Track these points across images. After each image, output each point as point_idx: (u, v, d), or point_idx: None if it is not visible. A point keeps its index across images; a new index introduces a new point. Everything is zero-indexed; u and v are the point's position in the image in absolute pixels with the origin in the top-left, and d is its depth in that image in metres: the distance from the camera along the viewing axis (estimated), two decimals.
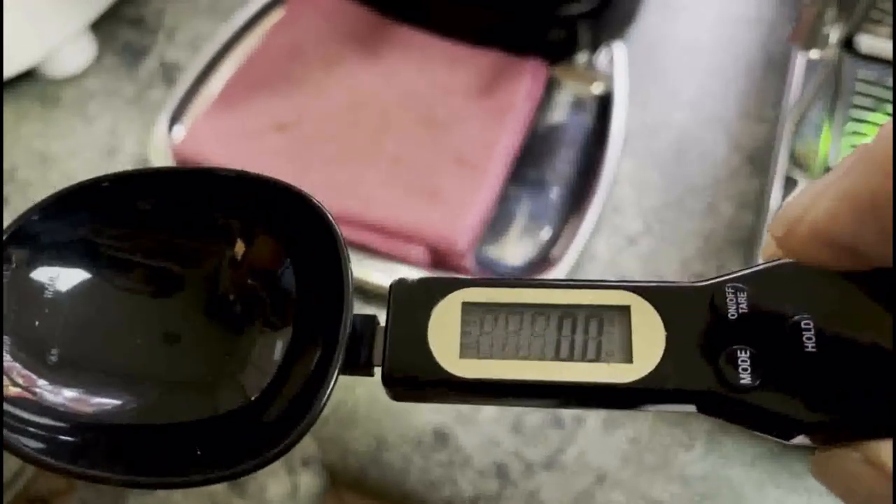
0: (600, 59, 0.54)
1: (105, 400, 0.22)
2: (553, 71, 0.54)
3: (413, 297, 0.22)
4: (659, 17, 0.57)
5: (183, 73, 0.55)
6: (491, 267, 0.48)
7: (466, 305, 0.21)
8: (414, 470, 0.43)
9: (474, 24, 0.55)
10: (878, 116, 0.46)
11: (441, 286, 0.22)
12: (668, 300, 0.21)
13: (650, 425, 0.44)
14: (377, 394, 0.22)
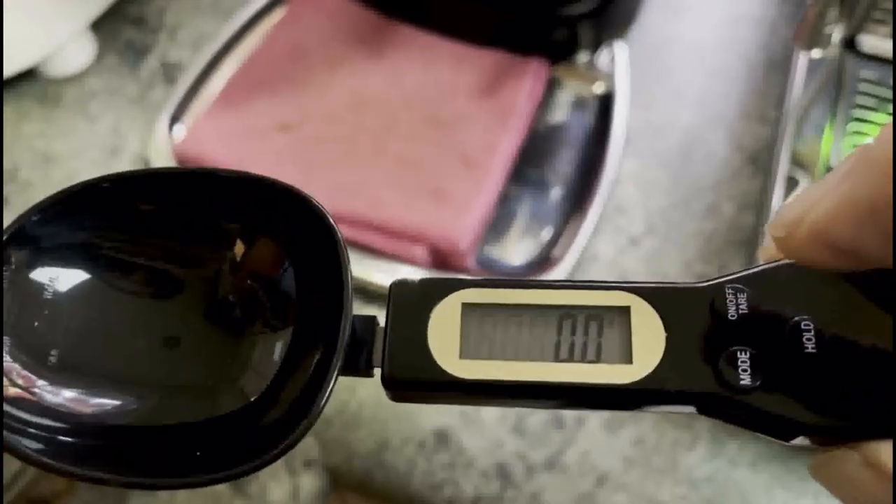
0: (602, 58, 0.54)
1: (105, 401, 0.22)
2: (555, 71, 0.54)
3: (413, 298, 0.22)
4: (661, 18, 0.57)
5: (184, 72, 0.55)
6: (492, 267, 0.48)
7: (466, 306, 0.21)
8: (417, 472, 0.43)
9: (477, 23, 0.55)
10: (879, 116, 0.46)
11: (441, 287, 0.22)
12: (668, 301, 0.21)
13: (653, 426, 0.44)
14: (381, 396, 0.22)
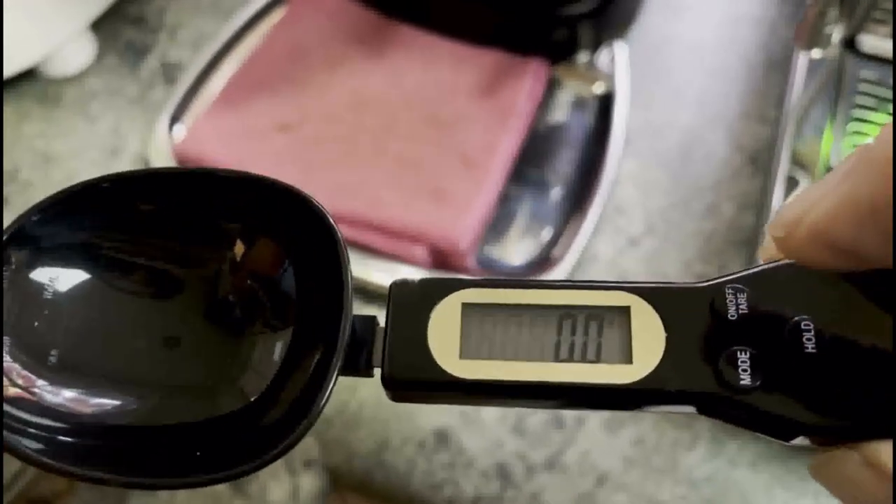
0: (602, 58, 0.54)
1: (105, 401, 0.22)
2: (555, 70, 0.54)
3: (413, 298, 0.22)
4: (661, 18, 0.57)
5: (184, 72, 0.55)
6: (492, 267, 0.48)
7: (466, 306, 0.21)
8: (417, 472, 0.43)
9: (477, 23, 0.55)
10: (880, 116, 0.46)
11: (441, 287, 0.22)
12: (668, 301, 0.21)
13: (653, 426, 0.44)
14: (381, 396, 0.22)
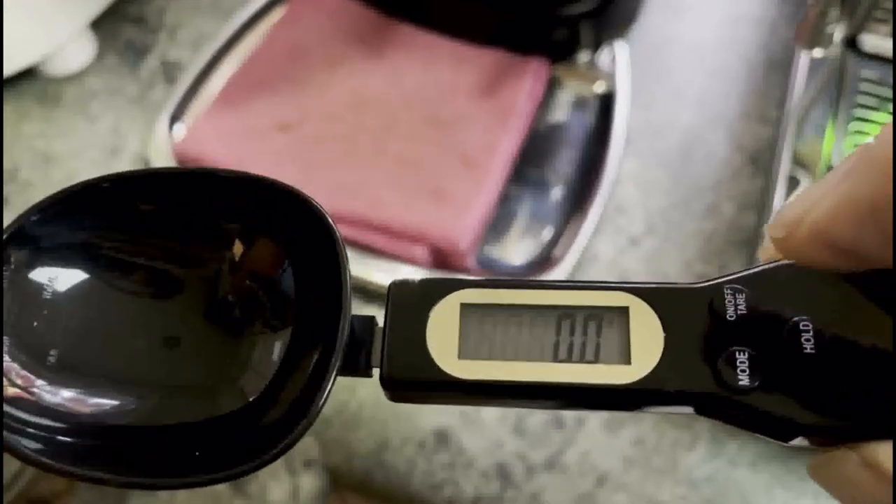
0: (602, 58, 0.54)
1: (105, 401, 0.22)
2: (555, 70, 0.54)
3: (412, 299, 0.22)
4: (662, 17, 0.57)
5: (184, 71, 0.55)
6: (492, 267, 0.48)
7: (465, 306, 0.21)
8: (417, 472, 0.43)
9: (477, 23, 0.54)
10: (881, 116, 0.46)
11: (440, 287, 0.22)
12: (667, 301, 0.21)
13: (653, 426, 0.44)
14: (380, 396, 0.22)
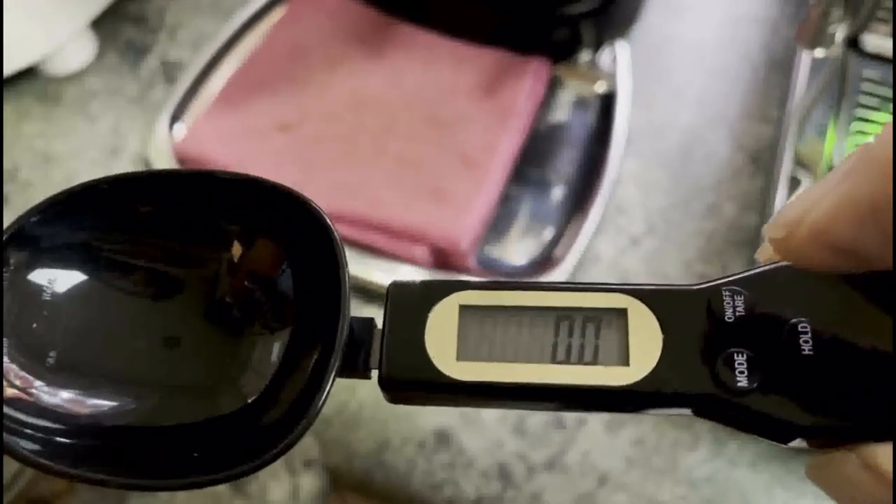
0: (603, 58, 0.54)
1: (104, 402, 0.22)
2: (556, 70, 0.54)
3: (410, 300, 0.22)
4: (662, 17, 0.57)
5: (184, 71, 0.55)
6: (493, 267, 0.48)
7: (464, 308, 0.21)
8: (417, 472, 0.43)
9: (478, 23, 0.54)
10: (882, 116, 0.46)
11: (438, 289, 0.22)
12: (665, 303, 0.21)
13: (653, 427, 0.44)
14: (380, 396, 0.22)
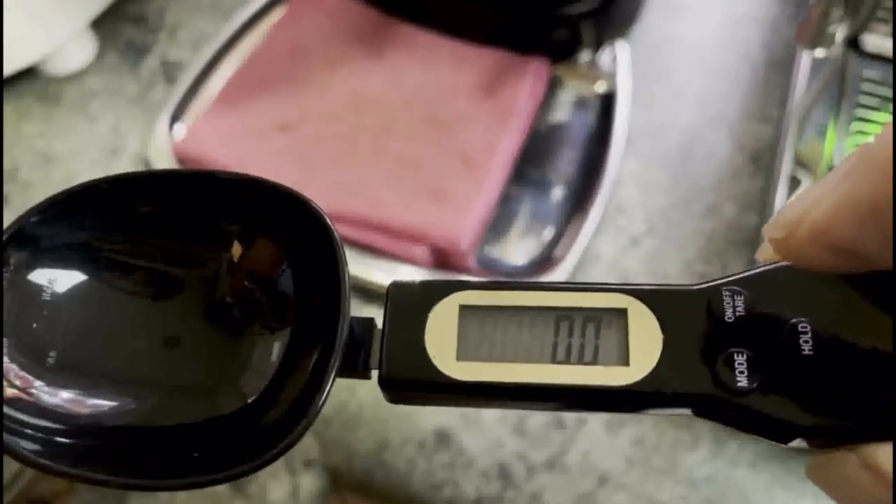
0: (603, 58, 0.54)
1: (104, 402, 0.22)
2: (556, 70, 0.54)
3: (410, 300, 0.22)
4: (662, 17, 0.57)
5: (184, 71, 0.55)
6: (493, 267, 0.48)
7: (463, 308, 0.21)
8: (417, 472, 0.43)
9: (478, 23, 0.54)
10: (882, 116, 0.46)
11: (438, 289, 0.22)
12: (665, 303, 0.21)
13: (653, 426, 0.44)
14: (380, 396, 0.22)
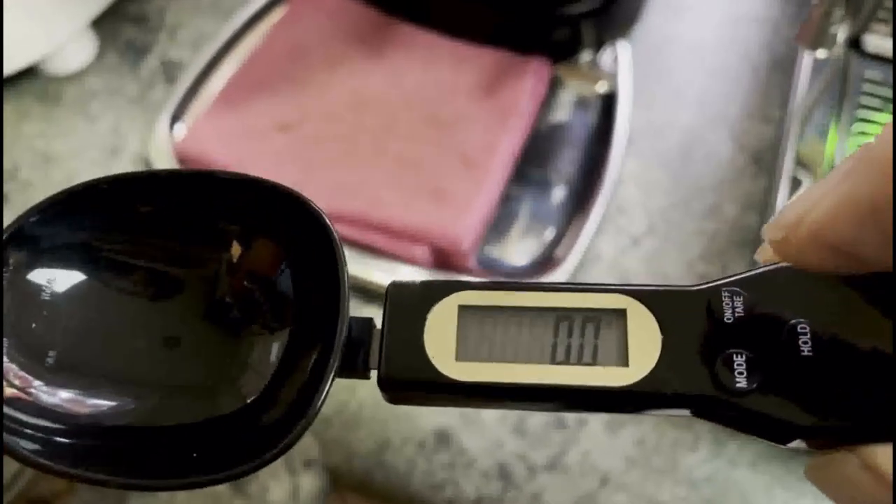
0: (604, 58, 0.54)
1: (104, 402, 0.22)
2: (557, 70, 0.54)
3: (410, 300, 0.22)
4: (663, 17, 0.57)
5: (185, 71, 0.55)
6: (494, 267, 0.48)
7: (463, 308, 0.21)
8: (417, 472, 0.43)
9: (478, 23, 0.54)
10: (884, 116, 0.46)
11: (438, 289, 0.22)
12: (665, 304, 0.21)
13: (653, 427, 0.44)
14: (380, 396, 0.22)
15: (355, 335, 0.22)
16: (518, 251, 0.48)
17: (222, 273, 0.24)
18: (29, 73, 0.55)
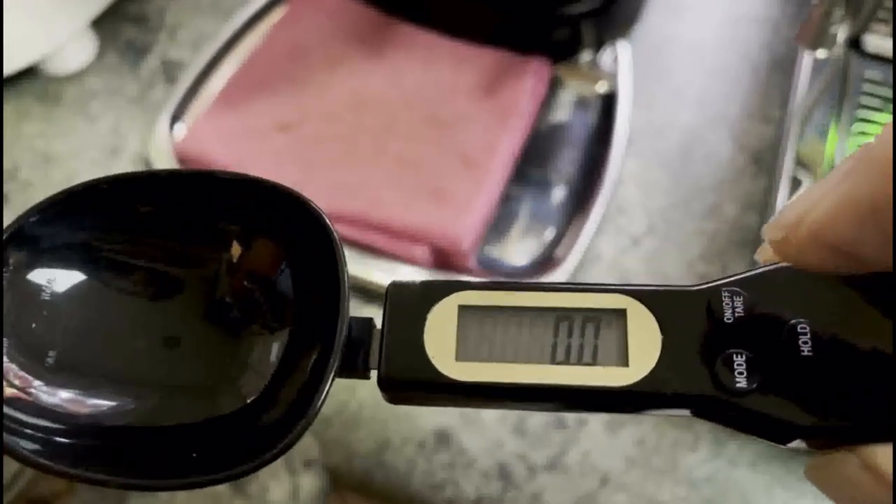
0: (604, 58, 0.54)
1: (104, 402, 0.22)
2: (557, 70, 0.54)
3: (410, 300, 0.22)
4: (663, 17, 0.57)
5: (185, 71, 0.55)
6: (494, 267, 0.48)
7: (463, 308, 0.21)
8: (417, 472, 0.43)
9: (478, 23, 0.54)
10: (884, 116, 0.46)
11: (438, 289, 0.22)
12: (665, 304, 0.21)
13: (653, 427, 0.43)
14: (380, 396, 0.22)
15: (355, 335, 0.22)
16: (518, 251, 0.48)
17: (222, 273, 0.24)
18: (29, 73, 0.55)
